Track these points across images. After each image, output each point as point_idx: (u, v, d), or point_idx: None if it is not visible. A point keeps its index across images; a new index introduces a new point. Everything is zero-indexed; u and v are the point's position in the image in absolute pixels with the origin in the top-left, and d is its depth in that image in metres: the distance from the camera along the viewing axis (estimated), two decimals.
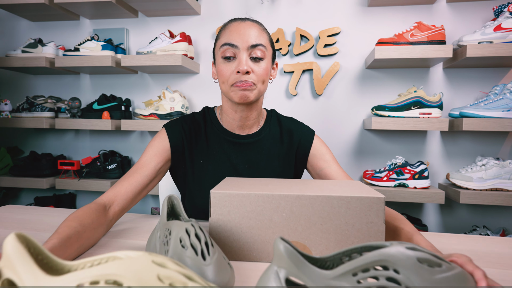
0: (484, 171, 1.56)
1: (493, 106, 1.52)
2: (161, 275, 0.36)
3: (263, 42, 0.87)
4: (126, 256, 0.37)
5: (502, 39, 1.50)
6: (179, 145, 0.93)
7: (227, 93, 0.89)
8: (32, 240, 0.38)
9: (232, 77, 0.85)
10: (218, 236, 0.65)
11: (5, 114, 1.95)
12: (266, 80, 0.89)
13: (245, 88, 0.85)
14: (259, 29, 0.88)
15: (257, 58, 0.86)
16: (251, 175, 0.95)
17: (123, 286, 0.35)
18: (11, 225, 0.85)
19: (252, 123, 0.96)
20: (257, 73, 0.86)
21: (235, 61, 0.86)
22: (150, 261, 0.37)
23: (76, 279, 0.35)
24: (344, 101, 1.88)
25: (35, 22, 2.15)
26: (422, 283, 0.38)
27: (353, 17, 1.84)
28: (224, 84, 0.88)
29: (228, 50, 0.85)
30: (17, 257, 0.36)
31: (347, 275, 0.39)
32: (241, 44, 0.84)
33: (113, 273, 0.35)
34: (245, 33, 0.85)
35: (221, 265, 0.51)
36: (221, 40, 0.88)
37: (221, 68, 0.87)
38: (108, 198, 0.79)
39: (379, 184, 1.66)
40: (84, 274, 0.36)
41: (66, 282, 0.35)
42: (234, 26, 0.87)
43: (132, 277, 0.35)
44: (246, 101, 0.87)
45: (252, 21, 0.89)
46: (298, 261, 0.39)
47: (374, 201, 0.63)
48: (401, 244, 0.40)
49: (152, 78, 2.06)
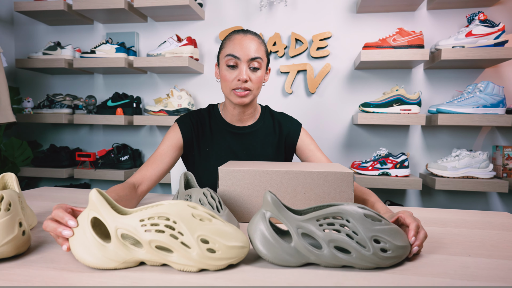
0: (457, 161, 1.76)
1: (465, 103, 1.72)
2: (194, 213, 0.56)
3: (260, 54, 1.05)
4: (168, 203, 0.57)
5: (472, 44, 1.70)
6: (189, 136, 1.13)
7: (228, 95, 1.08)
8: (105, 194, 0.58)
9: (234, 83, 1.04)
10: (225, 203, 0.85)
11: (28, 110, 2.14)
12: (260, 85, 1.08)
13: (242, 96, 1.05)
14: (258, 43, 1.05)
15: (255, 68, 1.04)
16: (248, 160, 1.15)
17: (170, 220, 0.55)
18: (51, 200, 1.05)
19: (248, 117, 1.16)
20: (254, 80, 1.05)
21: (237, 69, 1.04)
22: (186, 205, 0.57)
23: (138, 216, 0.55)
24: (334, 98, 2.07)
25: (53, 26, 2.35)
26: (364, 230, 0.56)
27: (343, 23, 2.03)
28: (226, 87, 1.07)
29: (231, 60, 1.03)
30: (99, 203, 0.56)
31: (313, 220, 0.58)
32: (243, 57, 1.02)
33: (163, 211, 0.55)
34: (246, 47, 1.02)
35: (231, 217, 0.71)
36: (226, 49, 1.05)
37: (225, 75, 1.05)
38: (137, 179, 0.99)
39: (365, 173, 1.86)
40: (143, 213, 0.56)
41: (132, 218, 0.55)
42: (237, 39, 1.04)
43: (175, 214, 0.55)
44: (243, 104, 1.07)
45: (252, 35, 1.06)
46: (279, 207, 0.59)
47: (345, 175, 0.83)
48: (355, 204, 0.59)
49: (160, 78, 2.25)
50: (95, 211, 0.56)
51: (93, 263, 0.54)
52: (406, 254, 0.58)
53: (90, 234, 0.55)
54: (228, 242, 0.55)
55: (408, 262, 0.59)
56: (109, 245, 0.54)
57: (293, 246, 0.56)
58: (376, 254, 0.55)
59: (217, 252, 0.54)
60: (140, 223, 0.54)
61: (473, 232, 0.78)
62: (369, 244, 0.55)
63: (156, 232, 0.54)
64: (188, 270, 0.54)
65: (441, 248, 0.67)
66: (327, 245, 0.56)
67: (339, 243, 0.55)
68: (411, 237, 0.60)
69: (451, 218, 0.91)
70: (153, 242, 0.53)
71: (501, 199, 1.95)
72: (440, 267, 0.57)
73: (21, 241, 0.58)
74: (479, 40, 1.68)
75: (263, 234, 0.57)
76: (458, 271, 0.55)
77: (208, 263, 0.54)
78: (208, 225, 0.55)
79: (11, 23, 2.37)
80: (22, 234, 0.59)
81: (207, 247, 0.54)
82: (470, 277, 0.53)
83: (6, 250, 0.55)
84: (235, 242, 0.55)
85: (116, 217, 0.55)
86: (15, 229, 0.58)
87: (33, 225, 0.75)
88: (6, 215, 0.58)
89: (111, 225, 0.54)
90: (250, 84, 1.04)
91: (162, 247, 0.55)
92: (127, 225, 0.54)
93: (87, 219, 0.56)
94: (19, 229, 0.59)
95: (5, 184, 0.78)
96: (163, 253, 0.54)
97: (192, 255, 0.53)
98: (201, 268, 0.54)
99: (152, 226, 0.54)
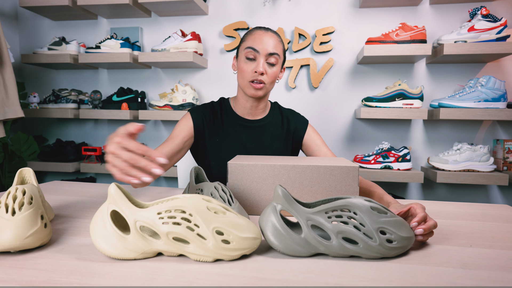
0: (459, 155, 1.79)
1: (466, 97, 1.74)
2: (209, 206, 0.59)
3: (278, 51, 1.09)
4: (183, 196, 0.59)
5: (474, 39, 1.71)
6: (200, 125, 1.17)
7: (243, 87, 1.11)
8: (123, 188, 0.60)
9: (250, 75, 1.08)
10: (234, 196, 0.87)
11: (34, 105, 2.17)
12: (274, 80, 1.12)
13: (257, 88, 1.08)
14: (277, 41, 1.10)
15: (271, 64, 1.09)
16: (257, 153, 1.19)
17: (186, 212, 0.57)
18: (62, 194, 1.08)
19: (259, 111, 1.20)
20: (269, 75, 1.09)
21: (255, 62, 1.08)
22: (201, 198, 0.59)
23: (156, 209, 0.58)
24: (337, 93, 2.09)
25: (57, 21, 2.36)
26: (371, 222, 0.59)
27: (346, 18, 2.05)
28: (242, 79, 1.10)
29: (250, 53, 1.07)
30: (118, 197, 0.58)
31: (321, 212, 0.61)
32: (261, 51, 1.06)
33: (179, 205, 0.58)
34: (266, 42, 1.07)
35: (241, 210, 0.74)
36: (246, 43, 1.09)
37: (242, 66, 1.09)
38: None
39: (367, 167, 1.89)
40: (160, 206, 0.58)
41: (150, 211, 0.58)
42: (258, 34, 1.09)
43: (191, 207, 0.58)
44: (256, 97, 1.11)
45: (273, 33, 1.11)
46: (290, 199, 0.61)
47: (351, 169, 0.86)
48: (362, 198, 0.62)
49: (164, 73, 2.27)
50: (114, 205, 0.59)
51: (114, 253, 0.57)
52: (410, 244, 0.61)
53: (110, 227, 0.58)
54: (241, 233, 0.58)
55: (412, 252, 0.62)
56: (128, 236, 0.57)
57: (303, 237, 0.59)
58: (382, 244, 0.58)
59: (232, 243, 0.57)
60: (157, 216, 0.57)
61: (474, 224, 0.81)
62: (376, 235, 0.58)
63: (173, 224, 0.56)
64: (204, 260, 0.57)
65: (443, 239, 0.69)
66: (335, 236, 0.58)
67: (347, 234, 0.58)
68: (413, 222, 0.63)
69: (453, 211, 0.94)
70: (170, 234, 0.56)
71: (501, 192, 1.98)
72: (442, 257, 0.60)
73: (43, 233, 0.61)
74: (481, 35, 1.70)
75: (274, 226, 0.60)
76: (460, 260, 0.58)
77: (223, 253, 0.56)
78: (223, 217, 0.58)
79: (15, 18, 2.38)
80: (44, 226, 0.62)
81: (222, 238, 0.57)
82: (471, 266, 0.56)
83: (31, 242, 0.58)
84: (248, 234, 0.58)
85: (135, 210, 0.58)
86: (38, 222, 0.61)
87: (51, 218, 0.78)
88: (29, 208, 0.61)
89: (130, 218, 0.57)
90: (265, 77, 1.08)
91: (179, 239, 0.58)
92: (145, 218, 0.57)
93: (107, 212, 0.59)
94: (41, 222, 0.62)
95: (23, 178, 0.81)
96: (180, 244, 0.57)
97: (208, 246, 0.56)
98: (216, 258, 0.57)
99: (169, 219, 0.56)
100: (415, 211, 0.67)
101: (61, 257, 0.57)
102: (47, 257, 0.57)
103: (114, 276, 0.51)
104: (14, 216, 0.59)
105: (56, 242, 0.64)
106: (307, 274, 0.53)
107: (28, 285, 0.48)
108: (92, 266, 0.54)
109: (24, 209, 0.60)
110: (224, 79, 2.20)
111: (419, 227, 0.63)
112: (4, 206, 0.60)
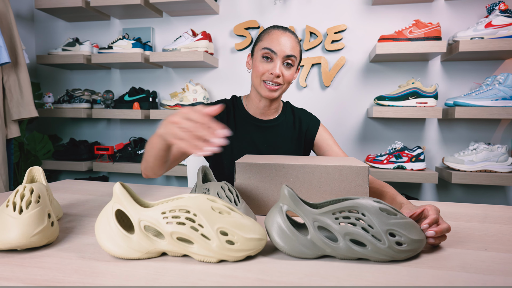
0: (475, 155, 1.73)
1: (483, 96, 1.69)
2: (213, 206, 0.58)
3: (295, 53, 1.08)
4: (188, 196, 0.59)
5: (492, 35, 1.66)
6: None
7: (257, 86, 1.10)
8: (128, 187, 0.60)
9: (266, 75, 1.07)
10: (242, 196, 0.87)
11: (49, 105, 2.21)
12: (290, 82, 1.11)
13: (272, 89, 1.07)
14: (295, 42, 1.08)
15: (288, 64, 1.07)
16: (269, 153, 1.17)
17: (191, 212, 0.57)
18: (73, 192, 1.09)
19: (272, 111, 1.19)
20: (286, 76, 1.07)
21: (271, 63, 1.06)
22: (205, 198, 0.59)
23: (160, 209, 0.57)
24: (349, 92, 2.06)
25: (71, 22, 2.40)
26: (379, 223, 0.57)
27: (358, 15, 2.01)
28: (257, 78, 1.09)
29: (268, 53, 1.06)
30: (123, 196, 0.58)
31: (329, 213, 0.59)
32: (279, 52, 1.05)
33: (183, 204, 0.57)
34: (284, 44, 1.05)
35: (247, 210, 0.73)
36: (263, 42, 1.07)
37: (258, 65, 1.07)
38: None
39: (380, 167, 1.85)
40: (164, 206, 0.58)
41: (155, 211, 0.57)
42: (276, 34, 1.07)
43: (195, 207, 0.57)
44: (271, 98, 1.10)
45: (291, 33, 1.09)
46: (296, 200, 0.60)
47: (360, 169, 0.84)
48: (370, 198, 0.60)
49: (175, 72, 2.28)
50: (119, 204, 0.58)
51: (118, 253, 0.56)
52: (421, 247, 0.59)
53: (115, 226, 0.57)
54: (246, 234, 0.57)
55: (423, 255, 0.60)
56: (132, 236, 0.57)
57: (309, 239, 0.58)
58: (391, 247, 0.56)
59: (236, 243, 0.56)
60: (162, 215, 0.56)
61: (490, 227, 0.78)
62: (384, 237, 0.56)
63: (177, 224, 0.56)
64: (208, 261, 0.56)
65: (456, 242, 0.67)
66: (342, 238, 0.57)
67: (354, 236, 0.57)
68: (424, 223, 0.61)
69: (467, 213, 0.91)
70: (174, 234, 0.56)
71: None
72: (455, 261, 0.58)
73: (50, 231, 0.62)
74: (499, 31, 1.64)
75: (280, 227, 0.59)
76: (474, 265, 0.56)
77: (228, 254, 0.56)
78: (227, 217, 0.57)
79: (31, 20, 2.43)
80: (51, 224, 0.63)
81: (226, 239, 0.56)
82: (486, 271, 0.54)
83: (37, 240, 0.58)
84: (253, 234, 0.57)
85: (139, 209, 0.58)
86: (44, 220, 0.61)
87: (60, 216, 0.79)
88: (37, 207, 0.61)
89: (134, 217, 0.57)
90: (281, 79, 1.07)
91: (183, 239, 0.58)
92: (149, 217, 0.56)
93: (112, 211, 0.58)
94: (48, 220, 0.62)
95: (33, 177, 0.82)
96: (184, 244, 0.56)
97: (212, 247, 0.55)
98: (220, 259, 0.56)
99: (174, 219, 0.56)
100: (428, 213, 0.65)
101: (66, 256, 0.57)
102: (52, 256, 0.57)
103: (117, 276, 0.50)
104: (21, 215, 0.59)
105: (63, 240, 0.65)
106: (312, 277, 0.51)
107: (32, 283, 0.48)
108: (96, 266, 0.54)
109: (31, 207, 0.61)
110: (235, 79, 2.20)
111: (431, 229, 0.61)
112: (12, 204, 0.61)
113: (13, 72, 1.74)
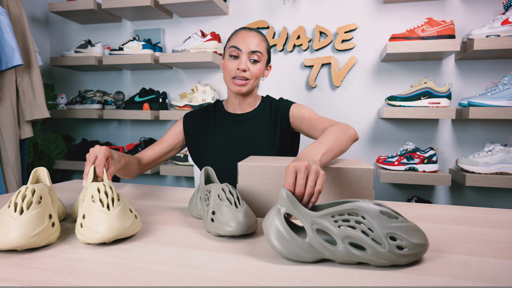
0: (490, 156, 1.68)
1: (499, 95, 1.63)
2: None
3: (261, 49, 1.14)
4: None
5: (509, 33, 1.60)
6: (189, 128, 1.26)
7: (228, 83, 1.17)
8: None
9: (233, 72, 1.13)
10: (244, 198, 0.86)
11: (62, 106, 2.25)
12: (259, 77, 1.17)
13: (240, 84, 1.13)
14: (260, 39, 1.15)
15: (255, 61, 1.13)
16: (246, 143, 1.19)
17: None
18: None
19: (248, 106, 1.24)
20: (252, 71, 1.14)
21: (238, 60, 1.13)
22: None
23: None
24: (360, 92, 2.03)
25: (84, 24, 2.44)
26: (380, 227, 0.56)
27: (369, 14, 1.98)
28: (227, 75, 1.16)
29: (234, 51, 1.13)
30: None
31: (328, 216, 0.58)
32: (244, 49, 1.12)
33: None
34: (248, 41, 1.13)
35: (248, 212, 0.72)
36: (230, 42, 1.16)
37: (227, 64, 1.15)
38: (140, 156, 1.19)
39: (391, 168, 1.82)
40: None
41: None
42: (241, 34, 1.15)
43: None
44: (240, 93, 1.16)
45: (256, 32, 1.16)
46: (294, 202, 0.59)
47: (366, 172, 0.82)
48: (371, 201, 0.58)
49: (185, 73, 2.29)
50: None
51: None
52: (423, 252, 0.57)
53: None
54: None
55: (427, 261, 0.58)
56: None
57: (308, 242, 0.57)
58: (392, 251, 0.54)
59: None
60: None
61: (502, 232, 0.75)
62: (385, 241, 0.54)
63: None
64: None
65: (463, 249, 0.64)
66: (342, 241, 0.55)
67: (354, 240, 0.55)
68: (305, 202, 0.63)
69: (478, 217, 0.87)
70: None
71: None
72: (461, 268, 0.55)
73: (50, 232, 0.62)
74: None
75: (277, 230, 0.58)
76: (481, 273, 0.54)
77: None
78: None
79: (46, 23, 2.48)
80: (52, 225, 0.63)
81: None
82: (493, 279, 0.52)
83: (36, 240, 0.59)
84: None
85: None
86: (45, 221, 0.61)
87: (63, 217, 0.79)
88: (37, 208, 0.62)
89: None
90: (248, 74, 1.14)
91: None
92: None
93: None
94: (48, 221, 0.62)
95: (38, 177, 0.83)
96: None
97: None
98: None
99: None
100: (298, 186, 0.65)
101: (64, 257, 0.58)
102: (51, 257, 0.58)
103: (112, 278, 0.50)
104: (21, 215, 0.60)
105: (63, 241, 0.65)
106: (309, 283, 0.50)
107: (28, 284, 0.48)
108: (92, 267, 0.54)
109: (32, 208, 0.61)
110: None
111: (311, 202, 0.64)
112: (13, 205, 0.61)
113: (26, 74, 1.77)
